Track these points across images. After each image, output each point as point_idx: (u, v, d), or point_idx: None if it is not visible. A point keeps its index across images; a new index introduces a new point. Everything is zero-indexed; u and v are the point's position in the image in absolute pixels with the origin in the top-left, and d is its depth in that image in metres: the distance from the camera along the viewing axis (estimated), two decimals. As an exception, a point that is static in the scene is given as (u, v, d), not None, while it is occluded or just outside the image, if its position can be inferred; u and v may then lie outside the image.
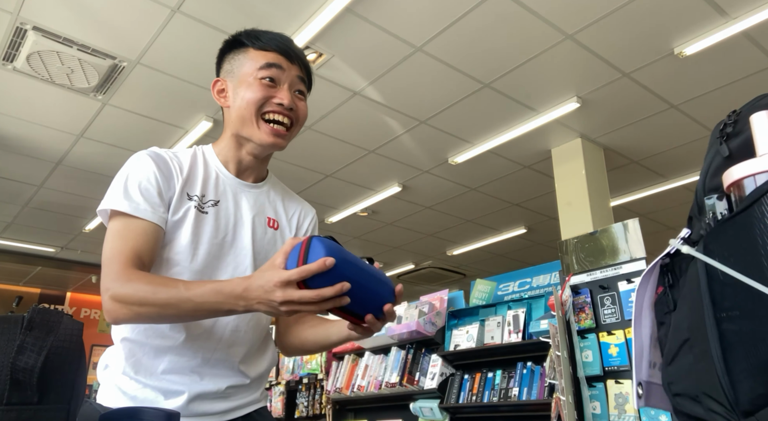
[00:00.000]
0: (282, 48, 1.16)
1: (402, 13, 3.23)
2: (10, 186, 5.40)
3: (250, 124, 1.14)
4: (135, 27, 3.31)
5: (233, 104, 1.15)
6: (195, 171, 1.15)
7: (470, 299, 3.46)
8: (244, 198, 1.19)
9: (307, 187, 5.48)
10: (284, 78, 1.15)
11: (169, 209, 1.08)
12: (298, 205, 1.31)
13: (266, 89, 1.13)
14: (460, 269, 8.42)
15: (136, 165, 1.10)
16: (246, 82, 1.13)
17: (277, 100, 1.13)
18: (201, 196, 1.12)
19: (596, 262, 2.67)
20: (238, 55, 1.17)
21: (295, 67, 1.17)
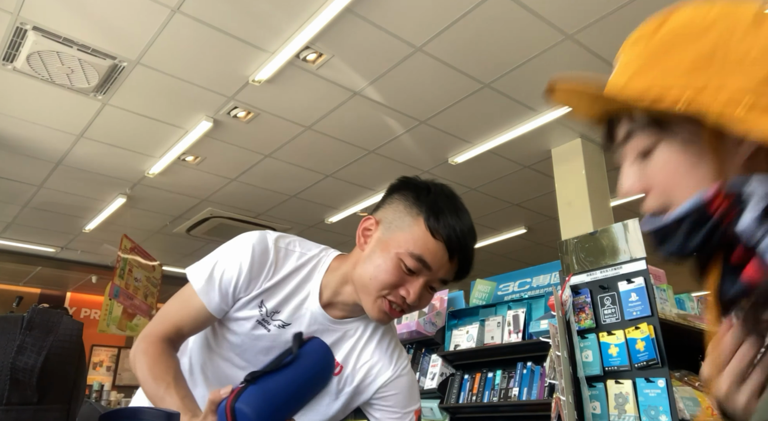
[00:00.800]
0: (450, 243, 1.00)
1: (402, 13, 3.23)
2: (10, 186, 5.40)
3: (368, 296, 1.03)
4: (135, 27, 3.30)
5: (366, 259, 1.04)
6: (287, 283, 1.08)
7: (470, 299, 3.46)
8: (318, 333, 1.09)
9: (307, 187, 5.48)
10: (425, 275, 1.01)
11: (237, 303, 1.08)
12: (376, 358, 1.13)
13: (401, 276, 1.00)
14: (460, 269, 8.41)
15: (236, 252, 1.07)
16: (388, 252, 1.01)
17: (403, 293, 1.01)
18: (272, 312, 1.07)
19: (596, 262, 2.67)
20: (407, 215, 1.03)
21: (447, 268, 1.02)
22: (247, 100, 4.06)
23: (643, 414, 2.25)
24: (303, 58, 3.56)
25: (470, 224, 1.06)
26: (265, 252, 1.06)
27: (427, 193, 1.06)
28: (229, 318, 1.10)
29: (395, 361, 1.15)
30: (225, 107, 4.14)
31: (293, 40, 3.37)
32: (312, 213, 6.17)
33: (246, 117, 4.26)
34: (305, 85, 3.88)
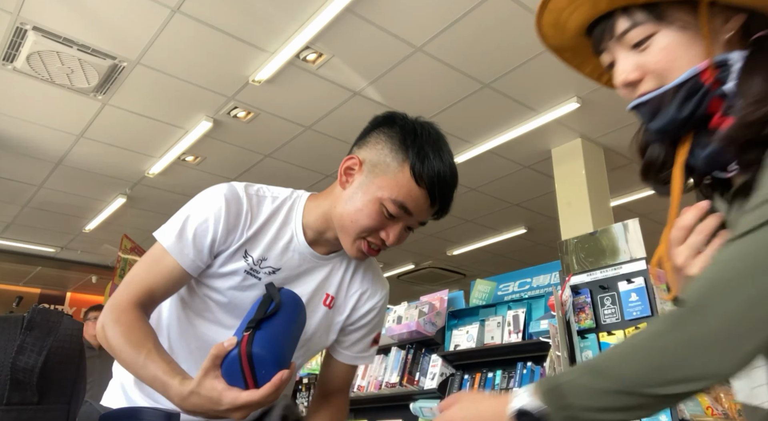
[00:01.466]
0: (433, 189, 1.01)
1: (402, 13, 3.23)
2: (10, 186, 5.40)
3: (347, 236, 1.04)
4: (135, 27, 3.30)
5: (347, 199, 1.03)
6: (267, 229, 1.06)
7: (470, 299, 3.46)
8: (307, 271, 1.09)
9: (307, 187, 5.45)
10: (405, 219, 1.03)
11: (218, 258, 1.04)
12: (365, 286, 1.17)
13: (382, 220, 1.01)
14: (460, 269, 8.42)
15: (206, 205, 1.03)
16: (370, 194, 1.00)
17: (383, 236, 1.03)
18: (259, 260, 1.05)
19: (596, 262, 2.67)
20: (392, 160, 1.02)
21: (427, 211, 1.04)
22: (247, 100, 4.06)
23: (643, 414, 2.25)
24: (303, 58, 3.55)
25: (453, 167, 1.06)
26: (238, 201, 1.03)
27: (414, 137, 1.04)
28: (213, 276, 1.05)
29: (381, 288, 1.20)
30: (225, 107, 4.14)
31: (293, 40, 3.37)
32: (312, 213, 6.16)
33: (246, 117, 4.26)
34: (305, 85, 3.88)
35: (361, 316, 1.18)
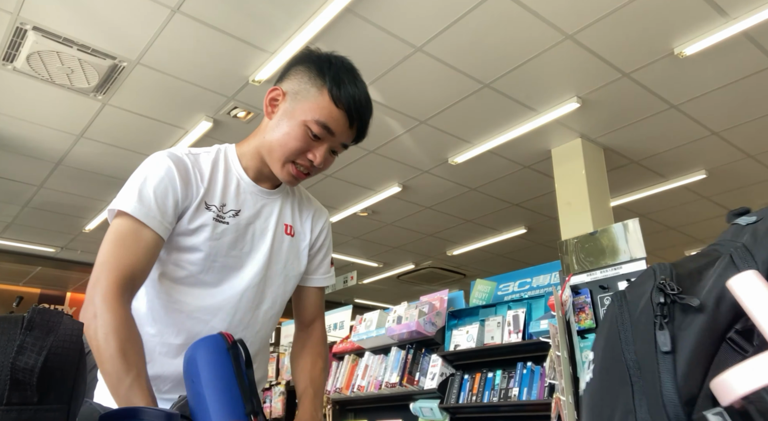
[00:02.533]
0: (351, 111, 1.08)
1: (402, 14, 3.23)
2: (10, 186, 5.40)
3: (277, 161, 1.11)
4: (135, 27, 3.30)
5: (274, 127, 1.11)
6: (215, 178, 1.12)
7: (470, 299, 3.46)
8: (263, 206, 1.17)
9: (307, 187, 5.45)
10: (329, 140, 1.10)
11: (183, 217, 1.06)
12: (311, 209, 1.30)
13: (307, 142, 1.08)
14: (460, 269, 8.42)
15: (156, 167, 1.05)
16: (294, 120, 1.08)
17: (310, 157, 1.10)
18: (221, 206, 1.11)
19: (596, 262, 2.67)
20: (312, 86, 1.09)
21: (348, 133, 1.10)
22: (247, 100, 4.06)
23: (643, 414, 2.25)
24: (303, 58, 3.55)
25: (367, 93, 1.13)
26: (181, 160, 1.08)
27: (329, 66, 1.12)
28: (184, 234, 1.06)
29: (322, 209, 1.33)
30: (225, 107, 4.14)
31: (293, 40, 3.37)
32: (312, 213, 6.16)
33: (246, 117, 4.26)
34: (305, 85, 3.88)
35: (317, 236, 1.28)
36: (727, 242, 0.52)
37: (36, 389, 0.50)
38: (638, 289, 0.50)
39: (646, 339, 0.45)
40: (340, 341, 4.08)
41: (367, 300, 10.15)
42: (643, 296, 0.48)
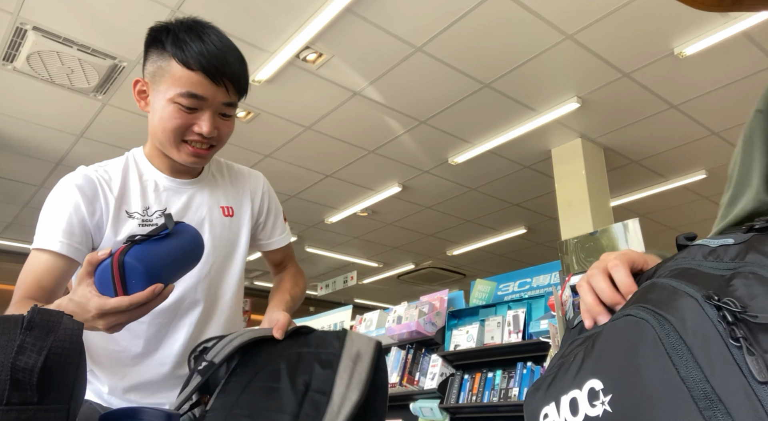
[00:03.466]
0: (208, 69, 1.02)
1: (402, 14, 3.23)
2: (10, 186, 5.40)
3: (168, 146, 1.07)
4: (135, 27, 3.30)
5: (152, 117, 1.08)
6: (128, 185, 1.10)
7: (470, 299, 3.46)
8: (191, 198, 1.15)
9: (307, 187, 5.48)
10: (206, 106, 1.04)
11: (106, 231, 1.05)
12: (244, 181, 1.26)
13: (185, 116, 1.03)
14: (460, 269, 8.42)
15: (57, 198, 1.05)
16: (163, 101, 1.04)
17: (197, 129, 1.04)
18: (144, 210, 1.09)
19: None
20: (161, 60, 1.05)
21: (221, 91, 1.04)
22: (247, 100, 4.04)
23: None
24: (303, 58, 3.56)
25: (220, 44, 1.07)
26: (85, 176, 1.07)
27: (167, 33, 1.07)
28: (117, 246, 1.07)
29: (254, 175, 1.29)
30: (225, 107, 4.14)
31: (293, 40, 3.37)
32: (312, 213, 6.17)
33: (246, 117, 4.26)
34: (305, 85, 3.88)
35: (260, 202, 1.26)
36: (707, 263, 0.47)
37: (36, 389, 0.50)
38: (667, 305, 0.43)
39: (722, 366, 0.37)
40: (340, 341, 4.07)
41: (367, 300, 10.15)
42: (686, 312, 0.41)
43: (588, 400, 0.42)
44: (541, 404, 0.48)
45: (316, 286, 8.62)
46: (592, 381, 0.43)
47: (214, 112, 1.05)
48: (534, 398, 0.50)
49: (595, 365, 0.44)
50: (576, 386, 0.44)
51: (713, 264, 0.46)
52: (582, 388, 0.43)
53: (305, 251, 7.29)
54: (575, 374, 0.45)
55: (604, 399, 0.41)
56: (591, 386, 0.43)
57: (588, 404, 0.42)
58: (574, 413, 0.43)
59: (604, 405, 0.41)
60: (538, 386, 0.51)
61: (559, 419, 0.45)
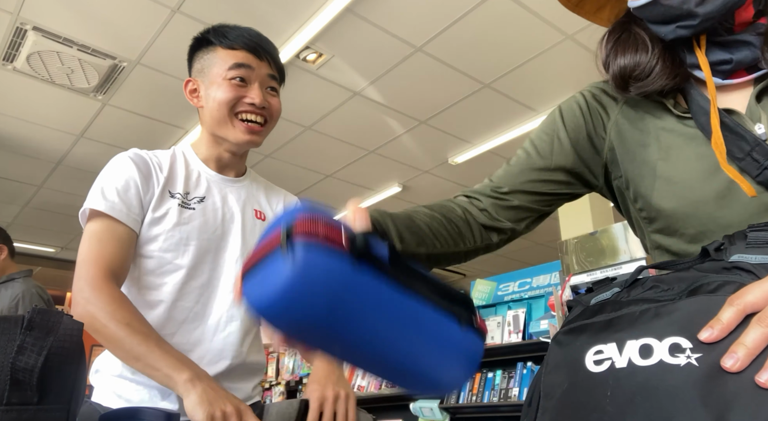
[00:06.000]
0: (250, 45, 1.15)
1: (402, 14, 3.23)
2: (10, 186, 5.40)
3: (224, 124, 1.15)
4: (135, 27, 3.30)
5: (206, 105, 1.16)
6: (175, 170, 1.16)
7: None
8: (229, 193, 1.21)
9: (307, 187, 5.48)
10: (254, 77, 1.15)
11: (150, 208, 1.09)
12: (280, 195, 1.34)
13: (237, 89, 1.13)
14: (460, 269, 8.42)
15: (115, 167, 1.11)
16: (216, 83, 1.14)
17: (249, 100, 1.14)
18: (185, 194, 1.14)
19: (596, 262, 2.67)
20: (207, 54, 1.17)
21: (264, 65, 1.17)
22: (247, 101, 4.06)
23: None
24: (303, 58, 3.56)
25: (255, 31, 1.20)
26: (138, 155, 1.13)
27: (208, 31, 1.19)
28: (153, 224, 1.09)
29: (289, 195, 1.36)
30: (225, 107, 4.14)
31: (293, 40, 3.37)
32: (312, 213, 6.16)
33: (246, 117, 4.26)
34: (305, 86, 3.88)
35: None
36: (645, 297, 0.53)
37: (36, 389, 0.50)
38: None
39: None
40: (340, 341, 4.08)
41: (367, 300, 10.15)
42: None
43: (669, 351, 0.46)
44: (590, 342, 0.51)
45: (316, 286, 8.62)
46: (678, 339, 0.46)
47: (262, 85, 1.16)
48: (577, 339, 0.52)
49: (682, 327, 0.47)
50: (652, 336, 0.47)
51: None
52: (662, 340, 0.47)
53: (305, 251, 7.28)
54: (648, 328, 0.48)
55: (691, 355, 0.45)
56: (675, 341, 0.46)
57: (668, 353, 0.46)
58: (646, 356, 0.47)
59: (690, 359, 0.45)
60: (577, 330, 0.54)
61: (620, 357, 0.48)
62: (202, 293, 1.11)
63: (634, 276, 0.58)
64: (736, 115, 0.69)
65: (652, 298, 0.53)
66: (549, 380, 0.52)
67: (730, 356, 0.44)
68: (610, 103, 0.81)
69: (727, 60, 0.69)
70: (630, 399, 0.45)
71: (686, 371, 0.44)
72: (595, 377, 0.48)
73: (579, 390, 0.49)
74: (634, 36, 0.76)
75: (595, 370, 0.49)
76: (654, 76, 0.72)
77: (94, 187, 1.09)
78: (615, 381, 0.47)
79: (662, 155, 0.72)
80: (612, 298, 0.57)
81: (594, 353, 0.50)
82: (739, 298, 0.47)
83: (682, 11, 0.67)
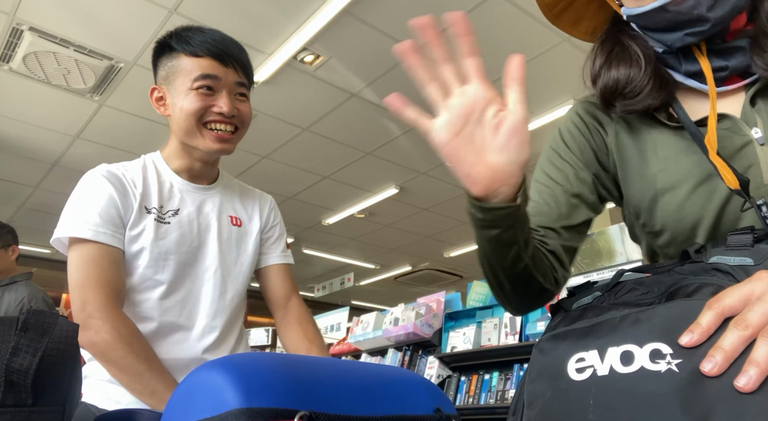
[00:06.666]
0: (215, 52, 1.10)
1: (399, 15, 3.23)
2: (5, 187, 5.38)
3: (193, 134, 1.13)
4: (132, 28, 3.30)
5: (173, 114, 1.14)
6: (148, 183, 1.14)
7: (467, 300, 3.46)
8: (203, 202, 1.20)
9: (304, 188, 5.48)
10: (221, 85, 1.11)
11: (128, 226, 1.09)
12: (255, 197, 1.33)
13: (204, 98, 1.10)
14: (457, 271, 8.42)
15: (91, 187, 1.09)
16: (182, 93, 1.11)
17: (217, 109, 1.11)
18: (159, 208, 1.13)
19: (593, 264, 2.68)
20: (171, 61, 1.13)
21: (230, 72, 1.12)
22: (245, 102, 4.06)
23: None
24: (300, 59, 3.55)
25: (220, 35, 1.15)
26: (113, 173, 1.12)
27: (170, 37, 1.14)
28: (130, 242, 1.09)
29: (264, 194, 1.36)
30: (222, 108, 4.14)
31: (291, 41, 3.37)
32: (309, 215, 6.16)
33: (243, 118, 4.26)
34: (303, 87, 3.88)
35: (266, 218, 1.32)
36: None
37: (30, 391, 0.50)
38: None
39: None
40: (337, 342, 4.07)
41: (364, 302, 10.14)
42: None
43: (650, 357, 0.46)
44: (571, 350, 0.51)
45: (312, 287, 8.61)
46: (658, 344, 0.46)
47: (230, 92, 1.12)
48: (558, 346, 0.52)
49: (662, 333, 0.47)
50: (633, 342, 0.47)
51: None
52: (642, 346, 0.47)
53: (302, 253, 7.28)
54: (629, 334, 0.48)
55: (672, 361, 0.45)
56: (655, 347, 0.46)
57: (649, 360, 0.46)
58: (627, 363, 0.46)
59: (671, 365, 0.45)
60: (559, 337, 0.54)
61: (602, 364, 0.48)
62: (184, 306, 1.12)
63: (614, 280, 0.58)
64: (731, 119, 0.68)
65: (633, 301, 0.53)
66: (532, 389, 0.52)
67: (708, 361, 0.44)
68: (605, 119, 0.81)
69: (723, 67, 0.69)
70: (613, 407, 0.45)
71: (667, 377, 0.44)
72: (578, 385, 0.48)
73: (562, 399, 0.49)
74: (627, 50, 0.74)
75: (578, 378, 0.48)
76: (643, 96, 0.71)
77: (73, 212, 1.07)
78: (597, 389, 0.47)
79: (661, 167, 0.72)
80: (593, 303, 0.57)
81: (576, 361, 0.49)
82: (718, 301, 0.47)
83: (692, 16, 0.65)
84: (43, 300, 2.78)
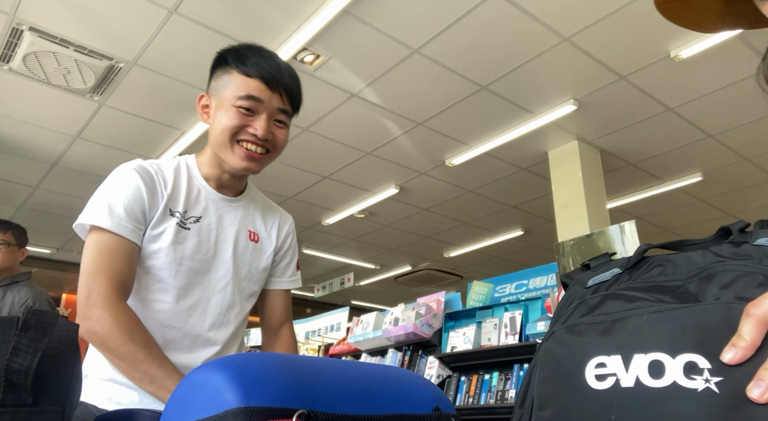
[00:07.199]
0: (265, 76, 1.13)
1: (400, 15, 3.23)
2: (5, 187, 5.38)
3: (225, 148, 1.14)
4: (132, 28, 3.30)
5: (212, 124, 1.16)
6: (178, 186, 1.16)
7: (467, 300, 3.47)
8: (225, 213, 1.21)
9: (304, 188, 5.48)
10: (263, 108, 1.13)
11: (150, 224, 1.10)
12: (276, 216, 1.33)
13: (242, 117, 1.12)
14: (457, 271, 8.42)
15: (122, 180, 1.10)
16: (224, 107, 1.13)
17: (252, 131, 1.13)
18: (183, 213, 1.14)
19: (593, 264, 2.67)
20: (224, 74, 1.16)
21: (276, 98, 1.14)
22: (244, 102, 4.06)
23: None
24: (300, 59, 3.55)
25: (277, 61, 1.18)
26: (146, 169, 1.13)
27: (230, 52, 1.17)
28: (149, 241, 1.10)
29: (286, 215, 1.36)
30: (222, 108, 4.13)
31: (291, 41, 3.37)
32: (309, 215, 6.16)
33: (243, 118, 4.26)
34: (303, 87, 3.88)
35: (283, 240, 1.32)
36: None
37: (31, 391, 0.50)
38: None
39: None
40: (337, 342, 4.07)
41: (364, 302, 10.14)
42: None
43: (684, 371, 0.40)
44: (591, 351, 0.45)
45: (313, 287, 8.61)
46: (694, 356, 0.40)
47: (269, 117, 1.14)
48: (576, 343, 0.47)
49: (698, 342, 0.40)
50: (663, 351, 0.41)
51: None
52: (675, 357, 0.40)
53: (302, 253, 7.28)
54: (658, 339, 0.42)
55: (711, 378, 0.39)
56: (691, 360, 0.40)
57: (683, 374, 0.40)
58: (656, 375, 0.40)
59: (709, 383, 0.39)
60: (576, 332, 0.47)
61: (626, 374, 0.42)
62: (191, 314, 1.13)
63: (637, 256, 0.51)
64: None
65: (658, 284, 0.47)
66: (543, 390, 0.47)
67: (757, 385, 0.37)
68: None
69: None
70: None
71: (705, 397, 0.38)
72: (597, 395, 0.42)
73: (578, 409, 0.44)
74: None
75: (597, 386, 0.43)
76: None
77: (99, 201, 1.08)
78: (620, 403, 0.41)
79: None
80: (612, 280, 0.51)
81: (595, 366, 0.44)
82: (757, 306, 0.39)
83: None
84: (47, 301, 2.79)
